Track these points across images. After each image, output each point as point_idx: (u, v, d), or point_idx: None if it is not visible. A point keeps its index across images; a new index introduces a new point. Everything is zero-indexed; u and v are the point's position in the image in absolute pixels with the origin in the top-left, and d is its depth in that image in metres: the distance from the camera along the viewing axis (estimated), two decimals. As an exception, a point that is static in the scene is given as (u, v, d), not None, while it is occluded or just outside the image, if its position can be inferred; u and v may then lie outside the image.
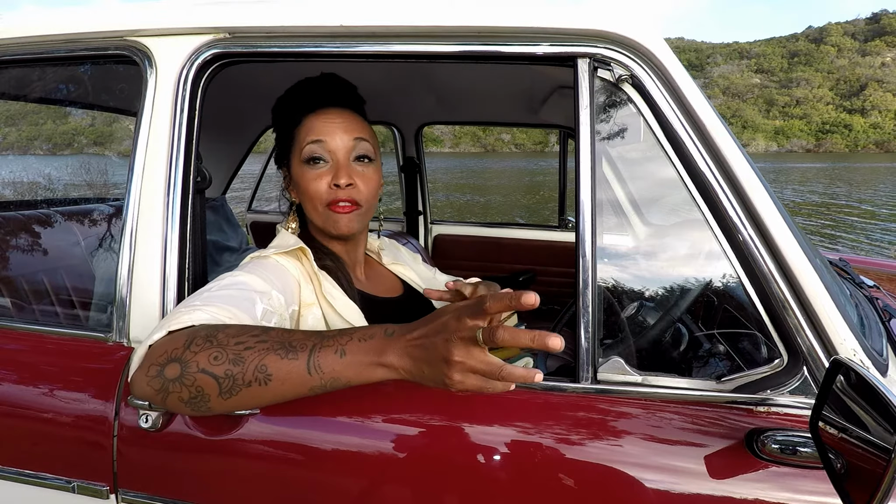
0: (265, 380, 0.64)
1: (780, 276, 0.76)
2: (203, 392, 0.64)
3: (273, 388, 0.64)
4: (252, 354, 0.64)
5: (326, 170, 0.94)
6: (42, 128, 8.39)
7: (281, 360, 0.64)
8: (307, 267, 0.93)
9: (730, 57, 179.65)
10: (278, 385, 0.64)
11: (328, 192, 0.93)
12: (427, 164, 2.73)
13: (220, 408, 0.66)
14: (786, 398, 0.75)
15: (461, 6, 0.83)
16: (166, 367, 0.65)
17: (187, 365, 0.64)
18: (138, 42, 0.94)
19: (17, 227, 1.46)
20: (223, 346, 0.65)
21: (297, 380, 0.64)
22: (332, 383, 0.64)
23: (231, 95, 1.77)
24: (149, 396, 0.67)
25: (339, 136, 0.94)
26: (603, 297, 0.81)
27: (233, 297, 0.76)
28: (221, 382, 0.64)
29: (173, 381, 0.65)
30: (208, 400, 0.65)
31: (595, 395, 0.78)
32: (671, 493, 0.72)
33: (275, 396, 0.65)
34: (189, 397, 0.65)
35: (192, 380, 0.64)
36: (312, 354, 0.64)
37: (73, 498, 0.88)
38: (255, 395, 0.65)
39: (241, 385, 0.64)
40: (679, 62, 0.79)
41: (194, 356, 0.65)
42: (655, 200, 0.95)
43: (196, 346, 0.65)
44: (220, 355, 0.64)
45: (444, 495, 0.77)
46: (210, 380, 0.64)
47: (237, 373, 0.64)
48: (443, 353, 0.58)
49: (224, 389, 0.64)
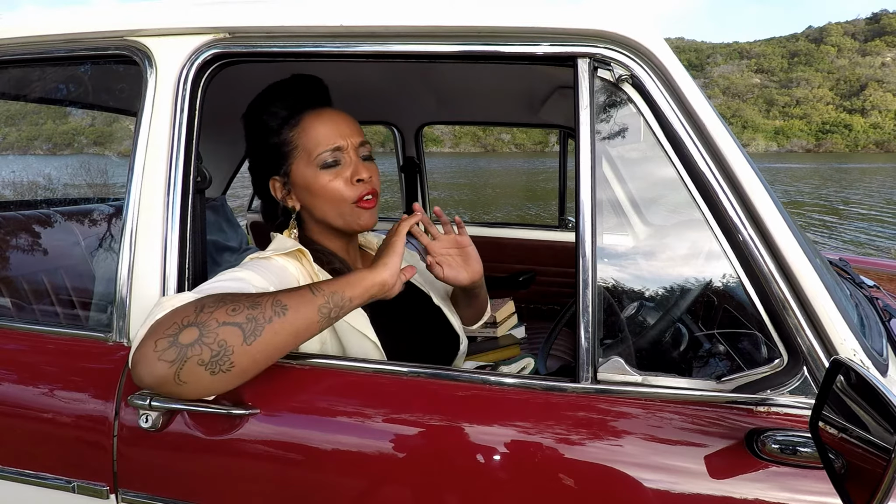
0: (283, 311, 0.72)
1: (780, 276, 0.76)
2: (226, 345, 0.68)
3: (290, 317, 0.72)
4: (265, 298, 0.73)
5: (341, 169, 0.95)
6: (42, 128, 8.39)
7: (290, 293, 0.75)
8: (307, 268, 0.94)
9: (730, 57, 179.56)
10: (293, 313, 0.72)
11: (352, 188, 0.94)
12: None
13: (242, 359, 0.69)
14: (786, 398, 0.75)
15: (461, 6, 0.83)
16: (181, 334, 0.67)
17: (205, 325, 0.68)
18: (138, 42, 0.94)
19: (17, 227, 1.46)
20: (236, 301, 0.71)
21: (308, 303, 0.74)
22: (333, 298, 0.76)
23: (231, 95, 1.77)
24: (160, 373, 0.66)
25: (349, 138, 0.96)
26: (603, 297, 0.81)
27: (232, 290, 0.77)
28: (244, 327, 0.69)
29: (191, 345, 0.66)
30: (231, 352, 0.68)
31: (595, 395, 0.78)
32: (671, 492, 0.72)
33: (294, 327, 0.72)
34: (211, 356, 0.67)
35: (213, 337, 0.67)
36: (312, 285, 0.77)
37: (73, 498, 0.88)
38: (277, 330, 0.71)
39: (264, 323, 0.70)
40: (679, 62, 0.79)
41: (211, 315, 0.69)
42: (655, 200, 0.95)
43: (209, 308, 0.70)
44: (237, 307, 0.70)
45: (445, 495, 0.77)
46: (233, 329, 0.68)
47: (258, 314, 0.70)
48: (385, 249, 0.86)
49: (248, 333, 0.69)
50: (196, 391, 0.71)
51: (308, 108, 0.97)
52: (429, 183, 2.76)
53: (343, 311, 0.78)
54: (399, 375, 0.83)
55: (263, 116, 0.98)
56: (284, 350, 0.74)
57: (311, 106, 0.97)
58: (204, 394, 0.74)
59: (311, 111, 0.96)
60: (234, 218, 2.27)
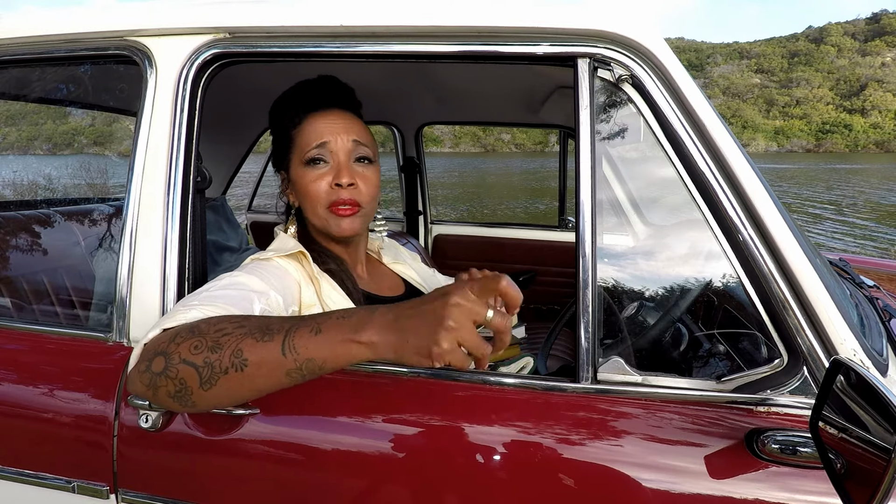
0: (241, 365, 0.61)
1: (780, 276, 0.76)
2: (185, 384, 0.63)
3: (250, 374, 0.61)
4: (229, 340, 0.62)
5: (327, 170, 0.94)
6: (42, 128, 8.39)
7: (256, 343, 0.61)
8: (307, 269, 0.93)
9: (730, 57, 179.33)
10: (254, 370, 0.61)
11: (329, 192, 0.93)
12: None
13: (201, 401, 0.64)
14: (786, 398, 0.75)
15: (461, 6, 0.83)
16: (153, 362, 0.65)
17: (170, 357, 0.63)
18: (138, 42, 0.94)
19: (17, 227, 1.46)
20: (203, 335, 0.63)
21: (273, 363, 0.61)
22: (307, 365, 0.61)
23: (231, 95, 1.77)
24: (141, 393, 0.67)
25: (340, 137, 0.94)
26: (603, 297, 0.81)
27: (231, 297, 0.76)
28: (201, 371, 0.61)
29: (159, 374, 0.64)
30: (190, 392, 0.63)
31: (595, 395, 0.78)
32: (671, 493, 0.72)
33: (252, 385, 0.62)
34: (174, 391, 0.63)
35: (175, 372, 0.63)
36: (288, 335, 0.61)
37: (73, 498, 0.88)
38: (233, 384, 0.62)
39: (220, 373, 0.61)
40: (679, 62, 0.79)
41: (177, 347, 0.63)
42: (655, 200, 0.95)
43: (180, 337, 0.64)
44: (200, 343, 0.62)
45: (445, 495, 0.77)
46: (190, 370, 0.62)
47: (214, 360, 0.61)
48: (440, 316, 0.56)
49: (204, 379, 0.62)
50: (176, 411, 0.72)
51: (314, 109, 0.96)
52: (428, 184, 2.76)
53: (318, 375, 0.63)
54: (399, 375, 0.83)
55: (277, 113, 1.00)
56: (251, 398, 0.66)
57: (320, 107, 0.97)
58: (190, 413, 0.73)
59: (315, 111, 0.96)
60: (234, 218, 2.27)
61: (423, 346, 0.56)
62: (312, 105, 0.97)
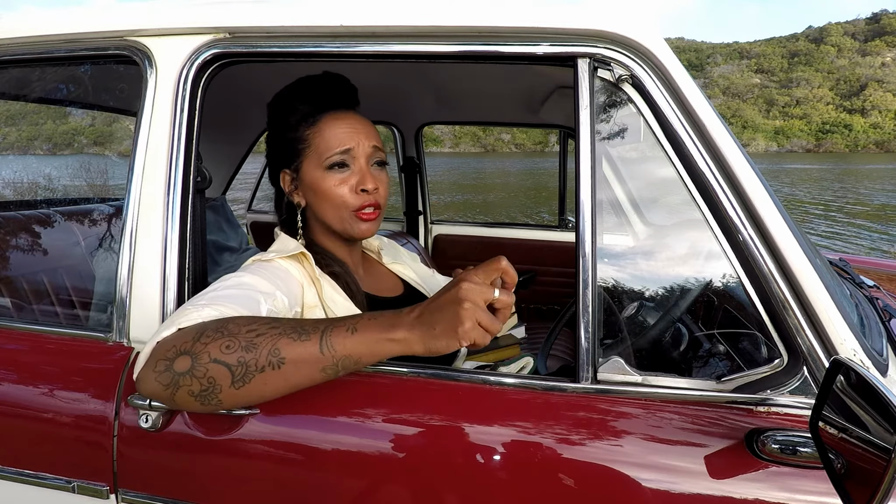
0: (278, 363, 0.64)
1: (780, 276, 0.76)
2: (215, 383, 0.64)
3: (286, 373, 0.65)
4: (264, 340, 0.65)
5: (349, 174, 0.94)
6: (42, 128, 8.39)
7: (293, 342, 0.65)
8: (309, 271, 0.93)
9: (730, 57, 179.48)
10: (291, 368, 0.65)
11: (355, 197, 0.93)
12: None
13: (229, 400, 0.66)
14: (786, 398, 0.75)
15: (461, 6, 0.83)
16: (176, 361, 0.65)
17: (198, 357, 0.64)
18: (138, 42, 0.94)
19: (17, 227, 1.46)
20: (234, 335, 0.65)
21: (311, 360, 0.65)
22: (343, 362, 0.66)
23: (231, 95, 1.77)
24: (157, 392, 0.66)
25: (363, 142, 0.94)
26: (603, 297, 0.81)
27: (239, 297, 0.77)
28: (234, 370, 0.64)
29: (183, 374, 0.64)
30: (219, 391, 0.65)
31: (595, 395, 0.78)
32: (671, 492, 0.72)
33: (287, 382, 0.66)
34: (200, 390, 0.64)
35: (203, 371, 0.64)
36: (324, 335, 0.66)
37: (73, 498, 0.88)
38: (268, 381, 0.65)
39: (255, 371, 0.64)
40: (679, 62, 0.79)
41: (205, 347, 0.65)
42: (655, 200, 0.95)
43: (207, 337, 0.66)
44: (233, 344, 0.65)
45: (445, 495, 0.77)
46: (222, 369, 0.64)
47: (250, 359, 0.64)
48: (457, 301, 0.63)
49: (237, 377, 0.64)
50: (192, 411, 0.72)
51: (329, 109, 0.96)
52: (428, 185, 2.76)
53: (352, 370, 0.68)
54: (399, 375, 0.83)
55: (285, 109, 0.98)
56: (278, 396, 0.68)
57: (334, 107, 0.96)
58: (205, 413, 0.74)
59: (331, 112, 0.96)
60: (234, 218, 2.27)
61: (449, 330, 0.64)
62: (327, 105, 0.96)
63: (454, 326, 0.63)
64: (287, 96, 0.98)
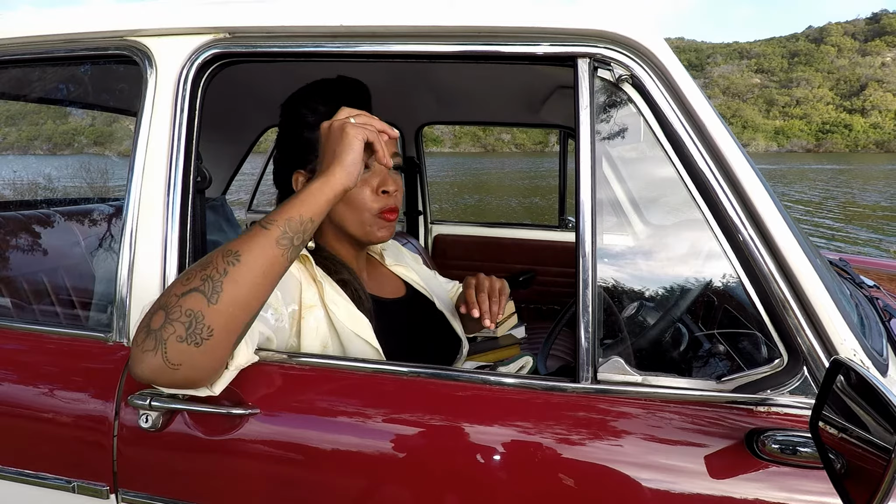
0: (235, 259, 0.67)
1: (780, 276, 0.76)
2: (193, 312, 0.65)
3: (246, 262, 0.67)
4: (215, 253, 0.69)
5: (369, 175, 0.94)
6: (42, 128, 8.38)
7: (240, 239, 0.70)
8: (310, 270, 0.93)
9: (730, 57, 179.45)
10: (249, 257, 0.67)
11: (377, 199, 0.94)
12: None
13: (216, 319, 0.66)
14: (786, 398, 0.75)
15: (461, 6, 0.83)
16: (151, 321, 0.66)
17: (167, 303, 0.66)
18: (138, 42, 0.94)
19: (17, 227, 1.46)
20: (189, 270, 0.69)
21: (261, 240, 0.69)
22: (289, 224, 0.70)
23: (231, 95, 1.78)
24: (150, 364, 0.65)
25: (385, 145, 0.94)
26: (603, 297, 0.81)
27: None
28: (202, 288, 0.66)
29: (162, 325, 0.65)
30: (202, 317, 0.65)
31: (595, 395, 0.78)
32: (671, 492, 0.72)
33: (254, 272, 0.68)
34: (185, 330, 0.64)
35: (178, 311, 0.65)
36: (263, 220, 0.71)
37: (73, 498, 0.88)
38: (236, 279, 0.67)
39: (220, 277, 0.66)
40: (679, 62, 0.79)
41: (169, 292, 0.67)
42: (655, 200, 0.95)
43: (167, 288, 0.69)
44: (190, 274, 0.68)
45: (445, 495, 0.77)
46: (193, 295, 0.65)
47: (210, 271, 0.67)
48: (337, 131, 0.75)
49: (208, 293, 0.65)
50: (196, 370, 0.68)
51: None
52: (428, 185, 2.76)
53: (308, 234, 0.72)
54: (399, 375, 0.83)
55: (302, 110, 0.98)
56: (260, 295, 0.69)
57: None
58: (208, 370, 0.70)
59: None
60: (234, 218, 2.27)
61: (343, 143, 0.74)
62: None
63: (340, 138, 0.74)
64: (304, 97, 0.98)
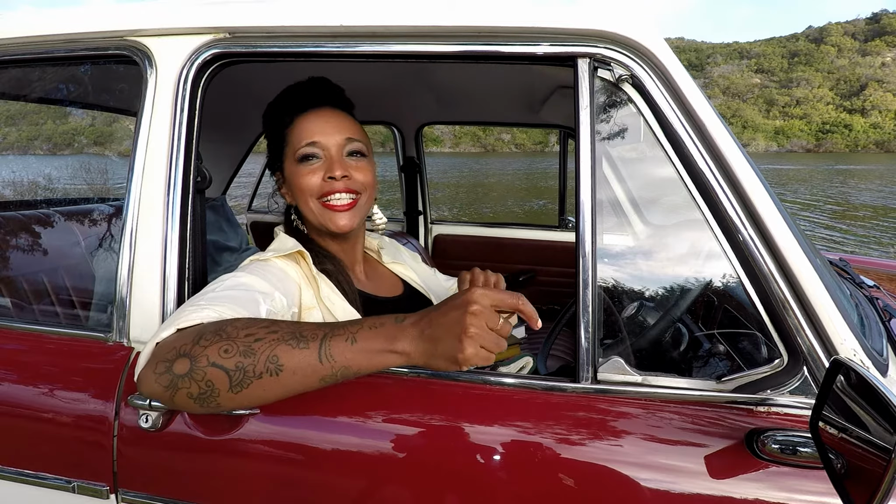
0: (276, 370, 0.64)
1: (780, 276, 0.76)
2: (213, 386, 0.64)
3: (284, 380, 0.64)
4: (262, 346, 0.64)
5: (319, 165, 0.94)
6: (42, 128, 8.38)
7: (292, 349, 0.64)
8: (306, 270, 0.93)
9: (730, 57, 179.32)
10: (289, 376, 0.64)
11: (322, 184, 0.94)
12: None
13: (228, 403, 0.66)
14: (786, 398, 0.75)
15: (461, 6, 0.83)
16: (175, 363, 0.65)
17: (197, 360, 0.64)
18: (138, 42, 0.94)
19: (17, 227, 1.46)
20: (233, 339, 0.65)
21: (309, 369, 0.64)
22: (342, 372, 0.65)
23: (231, 95, 1.77)
24: (157, 393, 0.66)
25: (330, 134, 0.95)
26: (603, 297, 0.81)
27: (238, 298, 0.76)
28: (232, 375, 0.64)
29: (182, 376, 0.64)
30: (217, 395, 0.65)
31: (595, 395, 0.78)
32: (671, 492, 0.72)
33: (285, 389, 0.65)
34: (198, 393, 0.64)
35: (201, 374, 0.64)
36: (324, 343, 0.65)
37: (73, 498, 0.88)
38: (266, 387, 0.64)
39: (252, 377, 0.64)
40: (679, 62, 0.79)
41: (204, 350, 0.65)
42: (655, 200, 0.95)
43: (206, 340, 0.65)
44: (231, 348, 0.64)
45: (445, 495, 0.77)
46: (220, 373, 0.64)
47: (248, 364, 0.64)
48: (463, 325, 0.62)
49: (234, 383, 0.64)
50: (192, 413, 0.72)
51: (305, 110, 0.97)
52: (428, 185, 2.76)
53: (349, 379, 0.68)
54: (399, 375, 0.83)
55: (270, 116, 1.01)
56: (276, 400, 0.68)
57: (311, 107, 0.98)
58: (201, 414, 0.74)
59: (305, 112, 0.97)
60: (234, 218, 2.27)
61: (451, 353, 0.62)
62: (303, 105, 0.98)
63: (455, 352, 0.62)
64: (275, 105, 1.01)
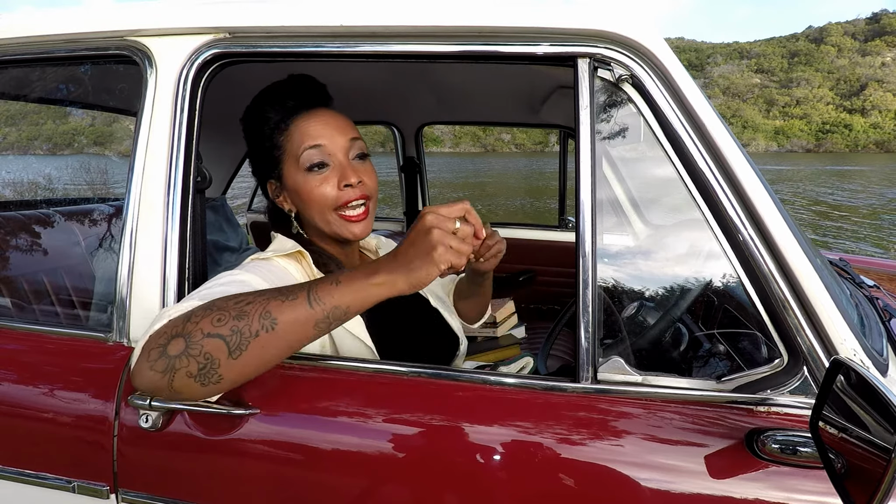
0: (271, 325, 0.65)
1: (780, 276, 0.76)
2: (212, 358, 0.64)
3: (280, 333, 0.66)
4: (253, 307, 0.66)
5: (329, 173, 0.93)
6: (42, 128, 8.39)
7: (283, 303, 0.67)
8: (307, 270, 0.93)
9: (730, 57, 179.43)
10: (285, 328, 0.66)
11: (339, 194, 0.92)
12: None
13: (229, 373, 0.65)
14: (786, 398, 0.75)
15: (461, 6, 0.83)
16: (169, 345, 0.65)
17: (191, 335, 0.64)
18: (138, 42, 0.94)
19: (17, 227, 1.46)
20: (224, 309, 0.66)
21: (302, 317, 0.67)
22: (334, 313, 0.68)
23: (231, 95, 1.77)
24: (154, 382, 0.66)
25: (337, 137, 0.93)
26: (603, 297, 0.81)
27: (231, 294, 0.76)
28: (229, 340, 0.64)
29: (178, 356, 0.64)
30: (218, 365, 0.65)
31: (595, 395, 0.78)
32: (671, 492, 0.72)
33: (283, 342, 0.67)
34: (198, 368, 0.64)
35: (198, 349, 0.64)
36: (311, 292, 0.68)
37: (73, 498, 0.88)
38: (265, 344, 0.66)
39: (249, 337, 0.65)
40: (679, 62, 0.79)
41: (197, 325, 0.65)
42: (655, 200, 0.95)
43: (196, 317, 0.66)
44: (223, 316, 0.66)
45: (444, 495, 0.77)
46: (217, 342, 0.64)
47: (243, 326, 0.65)
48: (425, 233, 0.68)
49: (233, 347, 0.65)
50: (193, 398, 0.71)
51: (299, 112, 0.95)
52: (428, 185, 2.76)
53: (343, 322, 0.70)
54: (399, 375, 0.83)
55: (257, 121, 0.97)
56: (278, 359, 0.69)
57: (304, 108, 0.95)
58: (202, 399, 0.74)
59: (300, 115, 0.94)
60: (234, 218, 2.27)
61: (425, 258, 0.68)
62: (296, 108, 0.95)
63: (428, 252, 0.67)
64: (256, 107, 0.97)
